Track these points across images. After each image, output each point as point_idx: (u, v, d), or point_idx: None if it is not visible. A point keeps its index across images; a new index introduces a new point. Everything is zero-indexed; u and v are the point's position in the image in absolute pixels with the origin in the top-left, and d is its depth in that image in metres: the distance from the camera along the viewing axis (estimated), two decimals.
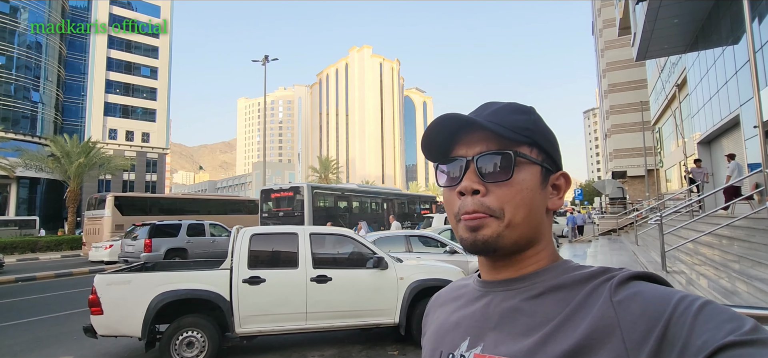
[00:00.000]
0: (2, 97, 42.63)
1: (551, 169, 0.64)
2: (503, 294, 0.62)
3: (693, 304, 0.48)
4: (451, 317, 0.68)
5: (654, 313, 0.48)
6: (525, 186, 0.60)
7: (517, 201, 0.60)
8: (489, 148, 0.62)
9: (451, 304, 0.70)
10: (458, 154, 0.64)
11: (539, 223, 0.62)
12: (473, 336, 0.61)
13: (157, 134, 57.23)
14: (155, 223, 15.38)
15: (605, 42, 39.36)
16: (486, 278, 0.66)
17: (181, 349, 4.79)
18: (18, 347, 5.89)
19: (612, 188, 24.87)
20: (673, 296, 0.50)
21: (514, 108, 0.65)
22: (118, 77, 54.58)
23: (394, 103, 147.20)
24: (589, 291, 0.55)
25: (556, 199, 0.65)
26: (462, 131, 0.64)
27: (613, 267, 0.58)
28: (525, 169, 0.61)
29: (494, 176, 0.60)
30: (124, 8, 56.00)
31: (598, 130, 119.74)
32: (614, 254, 12.91)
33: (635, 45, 16.32)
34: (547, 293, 0.58)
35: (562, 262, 0.63)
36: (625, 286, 0.53)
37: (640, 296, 0.51)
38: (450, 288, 0.75)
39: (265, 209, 18.11)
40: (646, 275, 0.55)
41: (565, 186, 0.66)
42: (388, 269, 5.42)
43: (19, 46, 44.19)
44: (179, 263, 6.78)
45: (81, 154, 28.41)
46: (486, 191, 0.60)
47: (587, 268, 0.59)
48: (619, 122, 37.63)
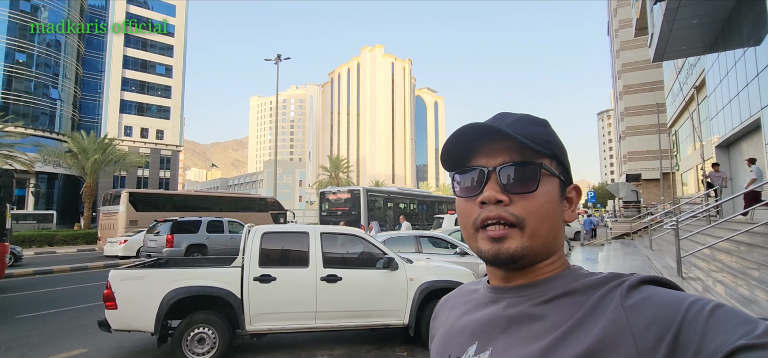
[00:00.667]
0: (22, 94, 43.69)
1: (566, 182, 0.65)
2: (513, 299, 0.62)
3: (705, 307, 0.47)
4: (459, 320, 0.67)
5: (665, 317, 0.48)
6: (548, 198, 0.61)
7: (542, 213, 0.60)
8: (512, 158, 0.61)
9: (460, 308, 0.70)
10: (477, 163, 0.63)
11: (558, 235, 0.63)
12: (482, 341, 0.61)
13: (171, 132, 58.07)
14: (177, 219, 15.78)
15: (621, 43, 38.71)
16: (496, 284, 0.66)
17: (192, 345, 4.85)
18: (35, 339, 6.02)
19: (626, 191, 24.46)
20: (685, 300, 0.49)
21: (532, 120, 0.65)
22: (134, 75, 55.52)
23: (405, 102, 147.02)
24: (600, 296, 0.54)
25: (570, 211, 0.65)
26: (481, 141, 0.63)
27: (624, 272, 0.57)
28: (547, 182, 0.61)
29: (518, 187, 0.60)
30: (141, 7, 56.94)
31: (612, 132, 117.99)
32: (628, 258, 12.71)
33: (652, 46, 16.02)
34: (557, 298, 0.58)
35: (573, 269, 0.63)
36: (636, 291, 0.53)
37: (651, 301, 0.50)
38: (459, 292, 0.75)
39: (323, 209, 21.19)
40: (657, 280, 0.54)
41: (577, 199, 0.66)
42: (398, 270, 5.40)
43: (39, 44, 45.21)
44: (192, 260, 6.85)
45: (97, 150, 28.97)
46: (509, 201, 0.60)
47: (598, 274, 0.59)
48: (634, 124, 36.98)
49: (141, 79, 56.08)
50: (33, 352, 5.49)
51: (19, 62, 43.77)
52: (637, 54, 35.68)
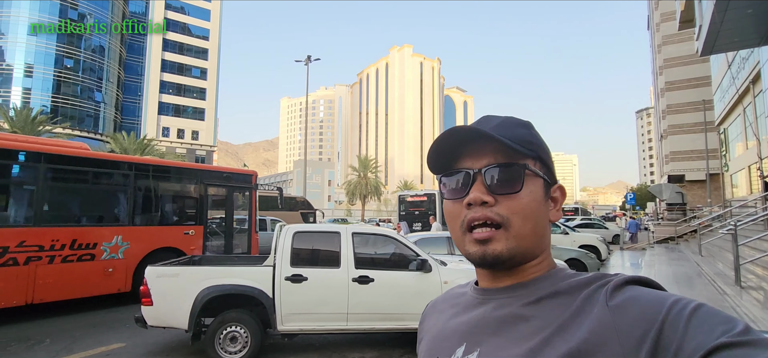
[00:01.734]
0: (70, 98, 46.27)
1: (550, 182, 0.66)
2: (501, 301, 0.63)
3: (686, 307, 0.49)
4: (448, 323, 0.68)
5: (649, 317, 0.49)
6: (533, 198, 0.62)
7: (526, 213, 0.61)
8: (497, 160, 0.63)
9: (448, 311, 0.70)
10: (463, 166, 0.64)
11: (544, 234, 0.64)
12: (470, 342, 0.62)
13: (205, 132, 60.04)
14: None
15: (662, 37, 36.78)
16: (484, 286, 0.67)
17: (224, 343, 4.83)
18: (77, 332, 6.22)
19: (670, 192, 23.17)
20: (667, 299, 0.51)
21: (515, 122, 0.66)
22: (171, 78, 57.76)
23: (434, 102, 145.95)
24: (586, 296, 0.56)
25: (555, 211, 0.67)
26: (467, 143, 0.65)
27: (610, 273, 0.59)
28: (531, 183, 0.63)
29: (503, 188, 0.61)
30: (178, 13, 59.20)
31: (652, 131, 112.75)
32: (673, 264, 11.95)
33: (700, 39, 15.03)
34: (545, 299, 0.59)
35: (558, 269, 0.64)
36: (621, 291, 0.54)
37: (635, 301, 0.52)
38: (446, 295, 0.75)
39: (402, 209, 23.27)
40: (641, 280, 0.56)
41: (561, 198, 0.68)
42: (431, 273, 5.21)
43: (84, 49, 47.77)
44: (225, 258, 6.91)
45: (137, 150, 30.30)
46: (494, 202, 0.61)
47: (583, 274, 0.60)
48: (677, 123, 35.02)
49: (178, 81, 58.29)
50: (75, 345, 5.66)
51: (67, 67, 46.42)
52: (681, 48, 33.78)
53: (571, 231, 14.64)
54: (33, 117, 28.11)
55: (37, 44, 44.65)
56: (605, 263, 13.34)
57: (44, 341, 5.80)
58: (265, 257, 5.44)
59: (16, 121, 27.01)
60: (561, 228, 14.27)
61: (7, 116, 27.62)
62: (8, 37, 44.24)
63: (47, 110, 39.69)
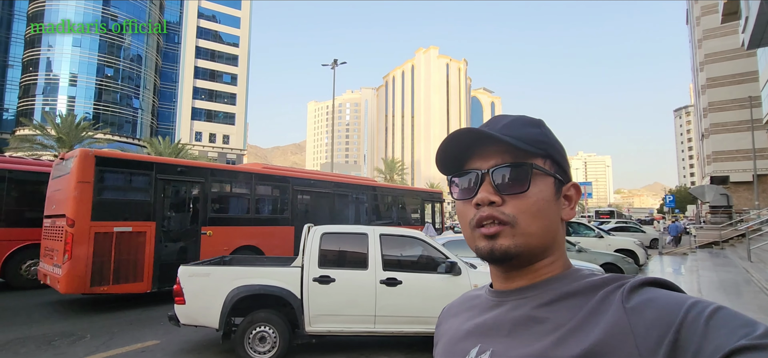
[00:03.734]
0: (110, 105, 48.62)
1: (563, 181, 0.66)
2: (515, 302, 0.63)
3: (705, 309, 0.48)
4: (462, 326, 0.68)
5: (666, 319, 0.49)
6: (541, 197, 0.62)
7: (534, 212, 0.61)
8: (504, 160, 0.63)
9: (463, 314, 0.71)
10: (473, 166, 0.65)
11: (554, 233, 0.64)
12: (484, 343, 0.62)
13: (235, 136, 61.70)
14: None
15: (703, 32, 34.93)
16: (498, 288, 0.67)
17: (254, 343, 4.88)
18: (115, 328, 6.45)
19: (713, 194, 21.91)
20: (685, 301, 0.50)
21: (526, 121, 0.66)
22: (204, 84, 59.75)
23: (461, 103, 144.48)
24: (601, 298, 0.55)
25: (569, 209, 0.66)
26: (476, 145, 0.66)
27: (627, 274, 0.59)
28: (540, 181, 0.63)
29: (510, 188, 0.62)
30: (209, 21, 61.24)
31: (691, 130, 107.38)
32: (719, 270, 11.26)
33: (746, 32, 14.18)
34: (559, 300, 0.59)
35: (574, 270, 0.63)
36: (638, 292, 0.54)
37: (652, 303, 0.51)
38: (462, 299, 0.76)
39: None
40: (659, 282, 0.55)
41: (576, 196, 0.67)
42: (461, 275, 5.09)
43: (123, 59, 50.12)
44: (254, 259, 7.02)
45: (171, 154, 31.43)
46: (502, 202, 0.62)
47: (598, 275, 0.60)
48: (720, 121, 33.13)
49: (209, 87, 60.25)
50: (113, 341, 5.86)
51: (108, 76, 48.83)
52: (724, 42, 32.00)
53: (606, 234, 14.06)
54: (77, 123, 29.68)
55: (80, 54, 47.21)
56: (643, 268, 12.75)
57: (85, 336, 6.04)
58: (293, 258, 5.46)
59: (61, 127, 28.60)
60: (595, 231, 13.74)
61: (54, 123, 29.28)
62: (55, 48, 46.99)
63: (90, 117, 41.86)
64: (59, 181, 8.02)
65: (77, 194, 7.27)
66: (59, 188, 7.92)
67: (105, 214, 7.57)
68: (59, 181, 8.02)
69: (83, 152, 7.58)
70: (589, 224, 15.98)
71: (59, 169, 8.18)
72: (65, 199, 7.46)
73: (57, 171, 8.31)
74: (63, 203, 7.52)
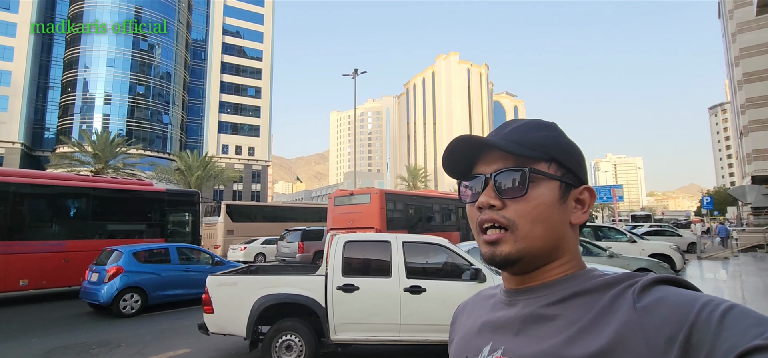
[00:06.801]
0: (142, 121, 50.65)
1: (573, 184, 0.65)
2: (527, 301, 0.64)
3: (718, 308, 0.47)
4: (476, 324, 0.69)
5: (678, 318, 0.48)
6: (541, 202, 0.62)
7: (534, 216, 0.62)
8: (505, 165, 0.64)
9: (478, 312, 0.72)
10: (479, 171, 0.67)
11: (560, 237, 0.63)
12: (496, 340, 0.63)
13: (260, 148, 63.01)
14: (305, 228, 17.30)
15: (737, 25, 33.45)
16: (510, 288, 0.68)
17: (281, 351, 4.92)
18: (149, 337, 6.66)
19: (755, 195, 20.71)
20: (698, 300, 0.49)
21: (534, 124, 0.67)
22: (229, 98, 61.45)
23: (483, 109, 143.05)
24: (613, 296, 0.55)
25: (581, 213, 0.65)
26: (483, 150, 0.67)
27: (639, 273, 0.57)
28: (542, 185, 0.63)
29: (510, 192, 0.63)
30: (234, 37, 63.15)
31: (728, 128, 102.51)
32: (764, 275, 10.65)
33: None
34: (570, 298, 0.59)
35: (587, 270, 0.63)
36: (650, 291, 0.53)
37: (664, 301, 0.51)
38: (476, 297, 0.77)
39: None
40: (671, 279, 0.55)
41: (590, 200, 0.66)
42: (486, 282, 4.99)
43: (153, 76, 52.23)
44: (279, 268, 7.11)
45: (200, 167, 32.42)
46: (502, 206, 0.63)
47: (611, 274, 0.60)
48: (760, 117, 31.51)
49: (235, 101, 61.90)
50: (147, 349, 6.05)
51: (139, 94, 50.95)
52: (759, 36, 30.56)
53: (639, 239, 13.50)
54: (111, 140, 31.04)
55: (114, 74, 49.50)
56: (680, 273, 12.17)
57: (120, 345, 6.25)
58: (318, 267, 5.50)
59: (97, 144, 29.98)
60: (627, 236, 13.24)
61: (90, 140, 30.71)
62: (91, 69, 49.44)
63: (123, 133, 43.72)
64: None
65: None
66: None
67: None
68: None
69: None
70: (621, 228, 15.42)
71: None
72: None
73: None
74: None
